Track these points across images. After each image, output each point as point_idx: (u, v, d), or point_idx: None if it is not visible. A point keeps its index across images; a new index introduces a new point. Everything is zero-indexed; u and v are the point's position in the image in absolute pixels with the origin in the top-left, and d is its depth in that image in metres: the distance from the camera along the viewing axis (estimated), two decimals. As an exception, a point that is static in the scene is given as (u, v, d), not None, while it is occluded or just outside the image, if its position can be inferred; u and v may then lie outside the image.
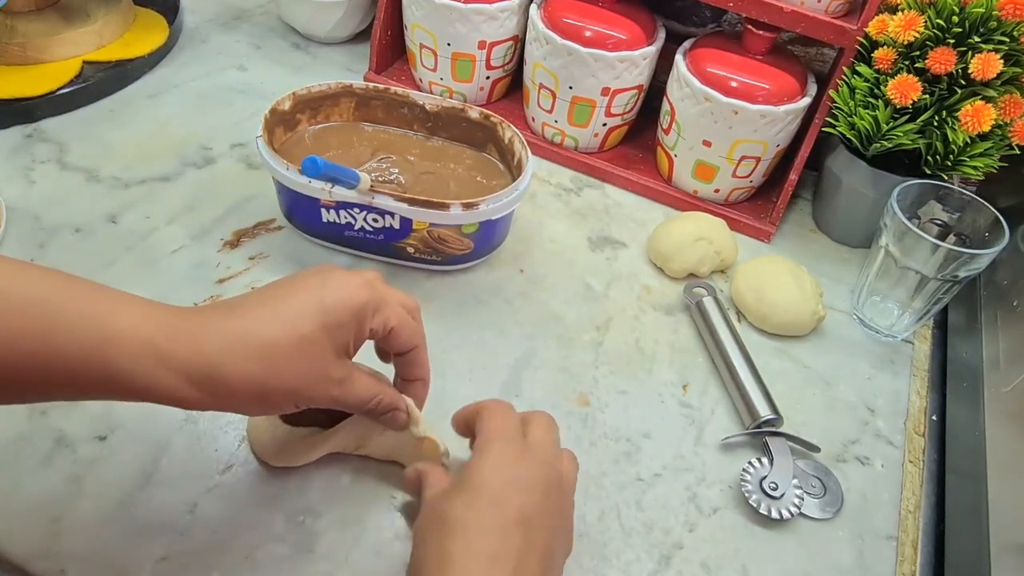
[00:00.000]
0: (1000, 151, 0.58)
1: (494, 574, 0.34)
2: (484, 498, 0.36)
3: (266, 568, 0.42)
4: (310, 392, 0.37)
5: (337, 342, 0.38)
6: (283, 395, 0.37)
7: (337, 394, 0.39)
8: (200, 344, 0.34)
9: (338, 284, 0.38)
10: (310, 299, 0.37)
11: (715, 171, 0.67)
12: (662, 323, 0.60)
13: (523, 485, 0.37)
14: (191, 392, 0.34)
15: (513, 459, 0.38)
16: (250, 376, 0.35)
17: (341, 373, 0.38)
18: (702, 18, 0.76)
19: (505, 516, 0.36)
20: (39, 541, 0.41)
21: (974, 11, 0.54)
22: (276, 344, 0.36)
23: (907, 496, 0.51)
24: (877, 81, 0.59)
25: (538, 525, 0.36)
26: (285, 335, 0.36)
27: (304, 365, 0.36)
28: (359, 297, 0.38)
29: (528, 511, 0.36)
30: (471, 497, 0.36)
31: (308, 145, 0.61)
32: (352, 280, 0.39)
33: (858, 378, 0.58)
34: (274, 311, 0.37)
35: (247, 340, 0.35)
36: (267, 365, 0.35)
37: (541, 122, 0.73)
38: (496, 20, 0.69)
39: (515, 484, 0.37)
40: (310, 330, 0.36)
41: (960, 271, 0.54)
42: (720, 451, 0.52)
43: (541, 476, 0.38)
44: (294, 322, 0.36)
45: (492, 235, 0.59)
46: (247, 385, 0.35)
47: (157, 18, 0.79)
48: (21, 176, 0.62)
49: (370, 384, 0.40)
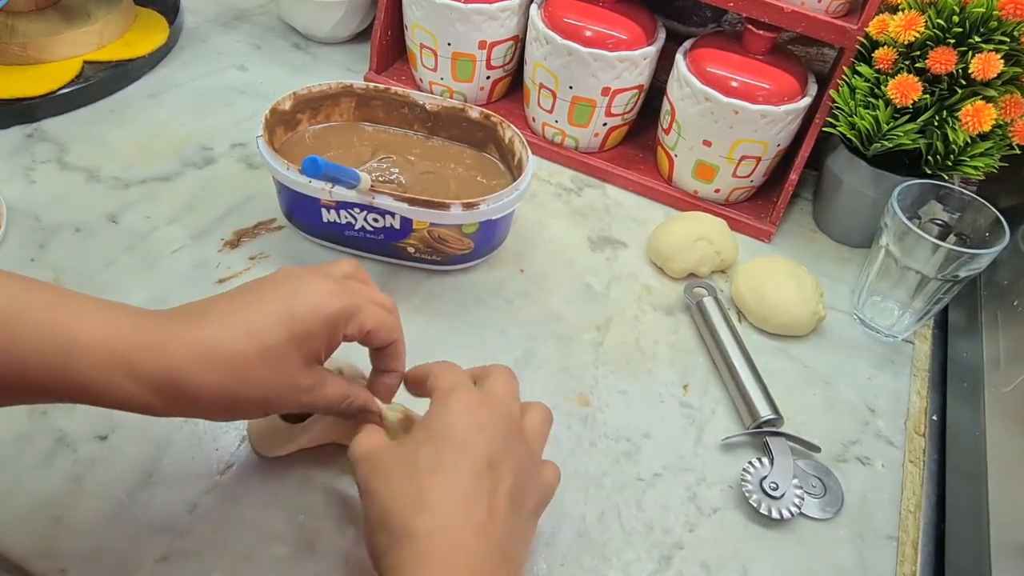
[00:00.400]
0: (1000, 151, 0.58)
1: (468, 514, 0.34)
2: (452, 443, 0.36)
3: (266, 568, 0.42)
4: (278, 400, 0.37)
5: (306, 351, 0.37)
6: (250, 404, 0.37)
7: (307, 400, 0.39)
8: (164, 354, 0.34)
9: (309, 293, 0.38)
10: (279, 309, 0.37)
11: (715, 171, 0.67)
12: (662, 323, 0.60)
13: (487, 432, 0.37)
14: (155, 401, 0.34)
15: (474, 407, 0.38)
16: (216, 387, 0.35)
17: (310, 381, 0.38)
18: (702, 18, 0.76)
19: (474, 460, 0.36)
20: (40, 540, 0.41)
21: (974, 11, 0.54)
22: (243, 355, 0.35)
23: (907, 496, 0.51)
24: (877, 81, 0.59)
25: (504, 470, 0.37)
26: (252, 346, 0.35)
27: (272, 375, 0.36)
28: (331, 306, 0.38)
29: (493, 456, 0.37)
30: (439, 443, 0.37)
31: (308, 145, 0.61)
32: (324, 287, 0.38)
33: (858, 378, 0.58)
34: (241, 321, 0.36)
35: (213, 351, 0.35)
36: (234, 376, 0.35)
37: (541, 122, 0.73)
38: (496, 20, 0.69)
39: (480, 430, 0.37)
40: (278, 341, 0.36)
41: (960, 271, 0.54)
42: (720, 451, 0.52)
43: (502, 424, 0.38)
44: (262, 333, 0.36)
45: (492, 235, 0.59)
46: (213, 396, 0.35)
47: (157, 18, 0.79)
48: (22, 176, 0.62)
49: (340, 387, 0.40)
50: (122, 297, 0.53)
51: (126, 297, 0.54)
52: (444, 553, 0.33)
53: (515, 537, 0.37)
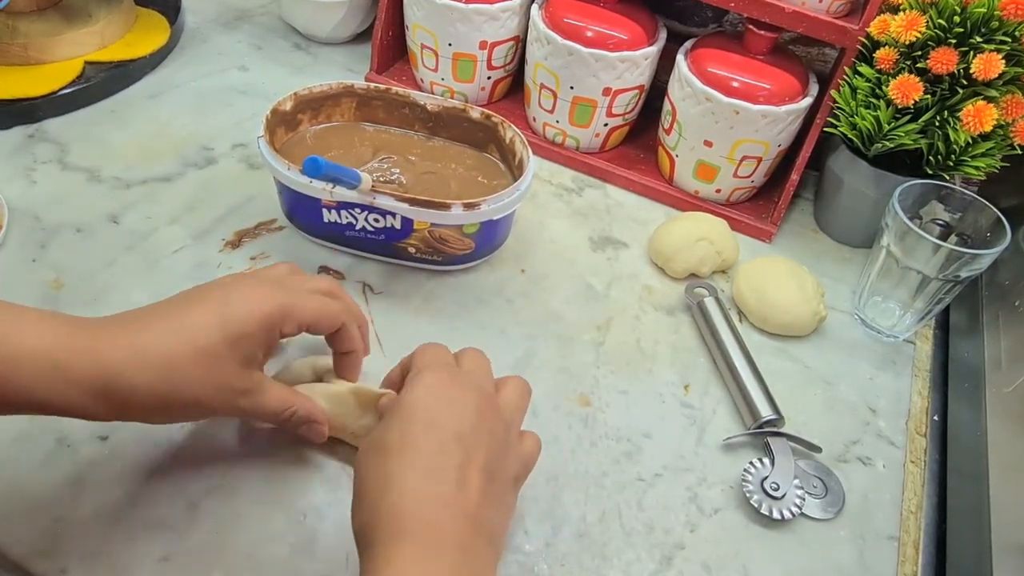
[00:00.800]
0: (1002, 151, 0.58)
1: (434, 487, 0.35)
2: (418, 420, 0.37)
3: (266, 568, 0.42)
4: (212, 403, 0.38)
5: (241, 354, 0.38)
6: (185, 406, 0.38)
7: (244, 405, 0.39)
8: (100, 357, 0.35)
9: (242, 296, 0.39)
10: (212, 312, 0.38)
11: (716, 171, 0.67)
12: (663, 323, 0.60)
13: (456, 406, 0.37)
14: (93, 405, 0.35)
15: (445, 383, 0.39)
16: (150, 388, 0.36)
17: (246, 384, 0.39)
18: (703, 18, 0.76)
19: (441, 435, 0.36)
20: (40, 540, 0.41)
21: (976, 11, 0.54)
22: (176, 357, 0.36)
23: (909, 496, 0.51)
24: (879, 81, 0.59)
25: (475, 443, 0.37)
26: (185, 348, 0.37)
27: (205, 377, 0.37)
28: (264, 308, 0.39)
29: (463, 429, 0.37)
30: (405, 420, 0.37)
31: (309, 145, 0.61)
32: (257, 291, 0.39)
33: (859, 378, 0.58)
34: (175, 323, 0.37)
35: (147, 352, 0.36)
36: (167, 377, 0.36)
37: (542, 122, 0.73)
38: (497, 20, 0.69)
39: (448, 405, 0.37)
40: (211, 343, 0.37)
41: (962, 271, 0.54)
42: (721, 451, 0.52)
43: (473, 397, 0.38)
44: (194, 335, 0.37)
45: (493, 235, 0.59)
46: (148, 397, 0.36)
47: (158, 18, 0.79)
48: (23, 176, 0.62)
49: (281, 396, 0.41)
50: (123, 297, 0.54)
51: (127, 297, 0.54)
52: (413, 527, 0.33)
53: (491, 508, 0.37)
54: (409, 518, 0.34)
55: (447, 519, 0.34)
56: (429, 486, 0.35)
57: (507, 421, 0.40)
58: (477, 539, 0.35)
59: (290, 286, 0.42)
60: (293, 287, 0.42)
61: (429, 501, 0.34)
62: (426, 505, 0.34)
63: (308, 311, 0.41)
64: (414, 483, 0.35)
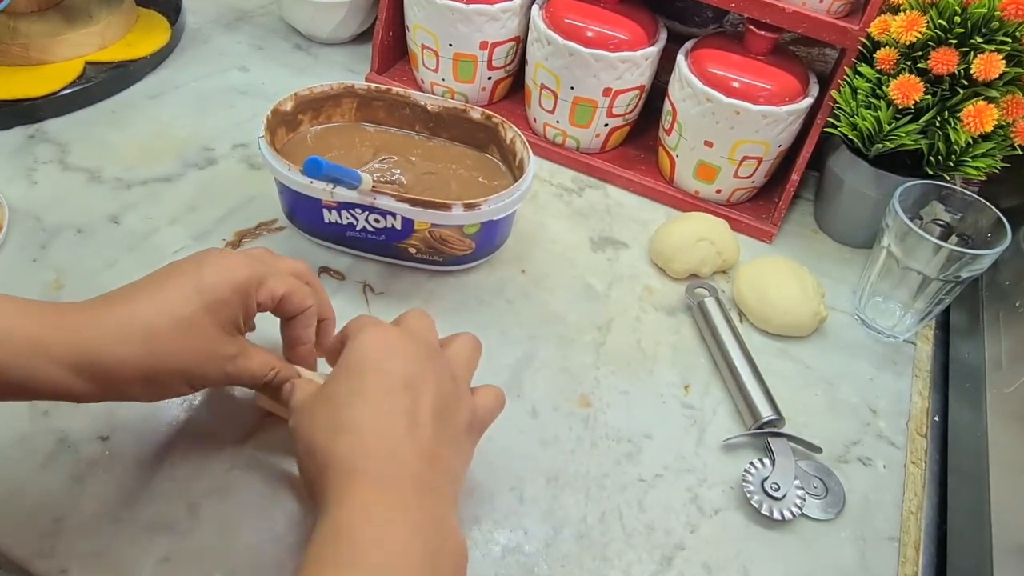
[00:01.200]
0: (1002, 151, 0.58)
1: (387, 428, 0.35)
2: (366, 370, 0.37)
3: (267, 568, 0.42)
4: (201, 370, 0.39)
5: (222, 319, 0.39)
6: (171, 376, 0.38)
7: (231, 370, 0.40)
8: (81, 333, 0.35)
9: (216, 263, 0.39)
10: (188, 281, 0.38)
11: (717, 171, 0.67)
12: (664, 324, 0.60)
13: (399, 353, 0.38)
14: (77, 382, 0.35)
15: (387, 335, 0.39)
16: (133, 360, 0.36)
17: (232, 350, 0.39)
18: (704, 18, 0.76)
19: (388, 381, 0.36)
20: (41, 541, 0.41)
21: (976, 11, 0.54)
22: (157, 327, 0.37)
23: (909, 497, 0.51)
24: (879, 81, 0.59)
25: (424, 388, 0.37)
26: (165, 318, 0.37)
27: (188, 346, 0.37)
28: (239, 273, 0.39)
29: (410, 374, 0.37)
30: (352, 372, 0.37)
31: (310, 146, 0.61)
32: (231, 258, 0.40)
33: (860, 379, 0.58)
34: (153, 296, 0.38)
35: (128, 325, 0.36)
36: (150, 348, 0.36)
37: (543, 123, 0.73)
38: (498, 21, 0.69)
39: (392, 353, 0.38)
40: (191, 311, 0.37)
41: (962, 272, 0.54)
42: (722, 452, 0.52)
43: (415, 347, 0.39)
44: (173, 304, 0.37)
45: (494, 235, 0.59)
46: (131, 370, 0.36)
47: (159, 19, 0.80)
48: (23, 177, 0.62)
49: (265, 358, 0.41)
50: (123, 298, 0.54)
51: (127, 298, 0.54)
52: (368, 465, 0.34)
53: (447, 447, 0.37)
54: (363, 457, 0.34)
55: (402, 455, 0.34)
56: (381, 427, 0.35)
57: (455, 373, 0.40)
58: (435, 475, 0.35)
59: (265, 258, 0.42)
60: (267, 260, 0.42)
61: (383, 439, 0.34)
62: (380, 443, 0.34)
63: (283, 282, 0.41)
64: (366, 425, 0.35)
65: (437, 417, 0.36)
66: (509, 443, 0.50)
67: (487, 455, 0.49)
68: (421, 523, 0.33)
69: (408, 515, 0.33)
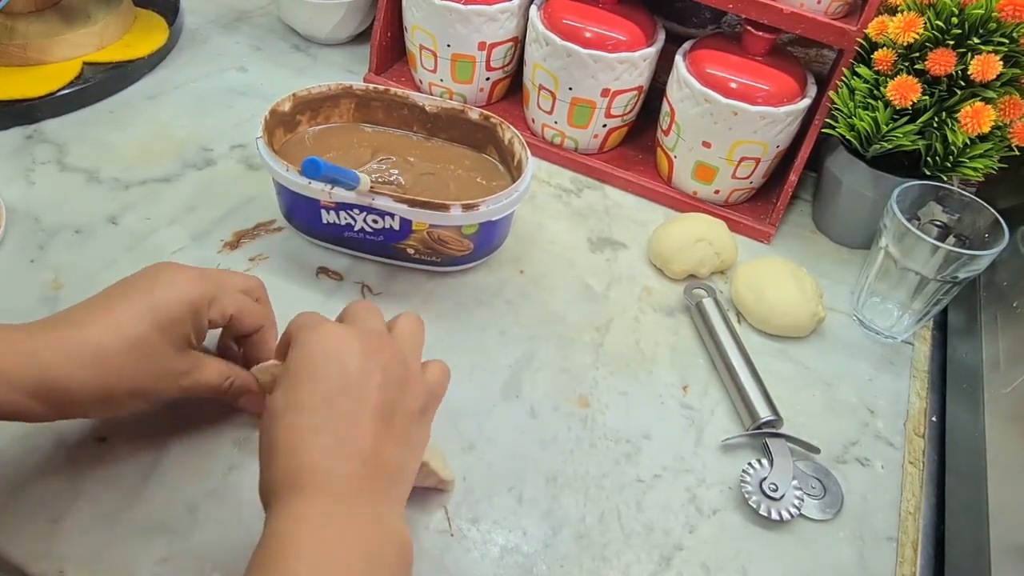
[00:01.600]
0: (1000, 152, 0.58)
1: (322, 440, 0.34)
2: (301, 379, 0.36)
3: (266, 569, 0.41)
4: (155, 387, 0.39)
5: (174, 337, 0.39)
6: (125, 395, 0.38)
7: (185, 384, 0.40)
8: (36, 358, 0.36)
9: (168, 282, 0.40)
10: (140, 301, 0.39)
11: (715, 172, 0.67)
12: (662, 324, 0.60)
13: (337, 355, 0.36)
14: (35, 405, 0.36)
15: (325, 336, 0.37)
16: (88, 384, 0.37)
17: (184, 365, 0.40)
18: (702, 19, 0.77)
19: (324, 388, 0.35)
20: (39, 542, 0.41)
21: (973, 12, 0.54)
22: (109, 350, 0.37)
23: (907, 497, 0.51)
24: (877, 82, 0.59)
25: (364, 386, 0.36)
26: (118, 340, 0.37)
27: (142, 366, 0.38)
28: (191, 292, 0.40)
29: (348, 376, 0.36)
30: (288, 382, 0.36)
31: (308, 146, 0.61)
32: (183, 275, 0.40)
33: (858, 379, 0.58)
34: (107, 317, 0.38)
35: (81, 349, 0.37)
36: (104, 371, 0.37)
37: (541, 123, 0.73)
38: (496, 21, 0.69)
39: (329, 356, 0.36)
40: (142, 332, 0.38)
41: (960, 272, 0.54)
42: (720, 452, 0.52)
43: (356, 342, 0.37)
44: (125, 326, 0.38)
45: (492, 236, 0.59)
46: (87, 392, 0.37)
47: (157, 19, 0.79)
48: (21, 177, 0.62)
49: (220, 368, 0.42)
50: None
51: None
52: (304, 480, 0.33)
53: (392, 447, 0.36)
54: (299, 472, 0.34)
55: (339, 466, 0.34)
56: (315, 439, 0.34)
57: (402, 355, 0.39)
58: (375, 481, 0.35)
59: (216, 277, 0.42)
60: (218, 278, 0.43)
61: (318, 454, 0.34)
62: (315, 458, 0.34)
63: (233, 301, 0.42)
64: (300, 440, 0.34)
65: (381, 416, 0.36)
66: (508, 443, 0.50)
67: (486, 455, 0.49)
68: (356, 527, 0.33)
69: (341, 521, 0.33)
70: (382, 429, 0.36)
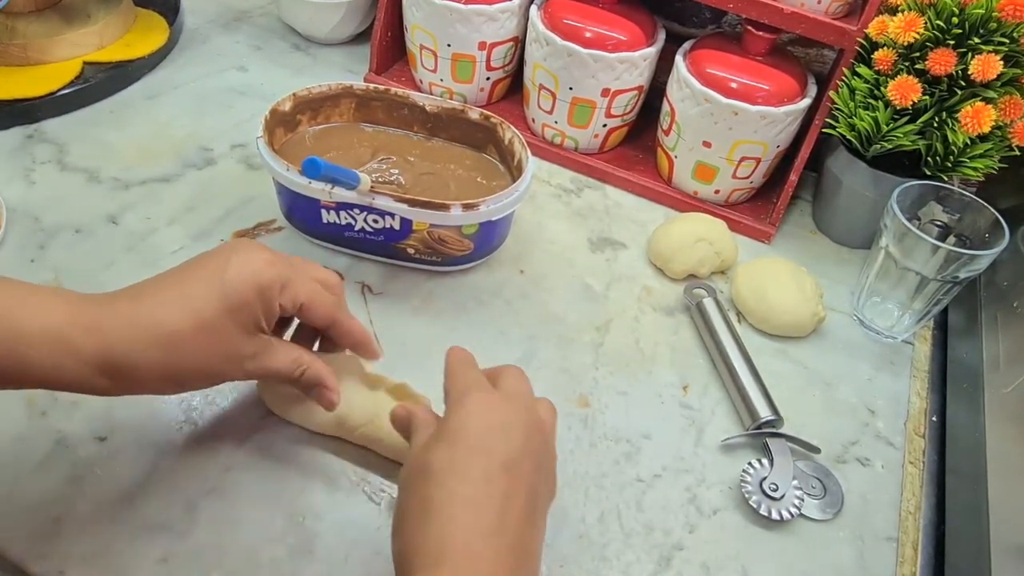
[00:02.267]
0: (1000, 152, 0.58)
1: (477, 519, 0.34)
2: (465, 445, 0.36)
3: (266, 568, 0.41)
4: (221, 369, 0.39)
5: (244, 321, 0.39)
6: (193, 376, 0.38)
7: (252, 367, 0.40)
8: (104, 334, 0.35)
9: (241, 263, 0.39)
10: (212, 281, 0.38)
11: (715, 172, 0.67)
12: (662, 324, 0.60)
13: (504, 430, 0.37)
14: (100, 380, 0.36)
15: (491, 406, 0.38)
16: (156, 363, 0.36)
17: (251, 349, 0.39)
18: (702, 19, 0.77)
19: (488, 462, 0.35)
20: (38, 541, 0.41)
21: (974, 12, 0.54)
22: (179, 331, 0.37)
23: (907, 497, 0.51)
24: (877, 82, 0.59)
25: (522, 469, 0.36)
26: (188, 321, 0.37)
27: (210, 347, 0.38)
28: (263, 276, 0.39)
29: (511, 455, 0.36)
30: (452, 445, 0.36)
31: (308, 146, 0.61)
32: (257, 257, 0.40)
33: (858, 379, 0.58)
34: (176, 295, 0.38)
35: (150, 328, 0.36)
36: (172, 352, 0.37)
37: (541, 123, 0.73)
38: (496, 21, 0.69)
39: (496, 430, 0.37)
40: (212, 314, 0.37)
41: (960, 272, 0.54)
42: (720, 452, 0.52)
43: (521, 420, 0.38)
44: (196, 306, 0.37)
45: (492, 236, 0.59)
46: (155, 372, 0.37)
47: (157, 19, 0.79)
48: (21, 177, 0.62)
49: (291, 353, 0.41)
50: (122, 298, 0.54)
51: (126, 298, 0.54)
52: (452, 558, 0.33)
53: (531, 536, 0.36)
54: (449, 549, 0.33)
55: (488, 551, 0.33)
56: (472, 516, 0.34)
57: (549, 444, 0.40)
58: (521, 568, 0.34)
59: (290, 262, 0.42)
60: (294, 264, 0.42)
61: (470, 532, 0.33)
62: (467, 536, 0.33)
63: (305, 289, 0.41)
64: (456, 513, 0.34)
65: (529, 502, 0.35)
66: (508, 443, 0.50)
67: (486, 455, 0.49)
68: None
69: None
70: (530, 515, 0.35)
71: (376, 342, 0.46)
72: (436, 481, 0.34)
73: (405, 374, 0.52)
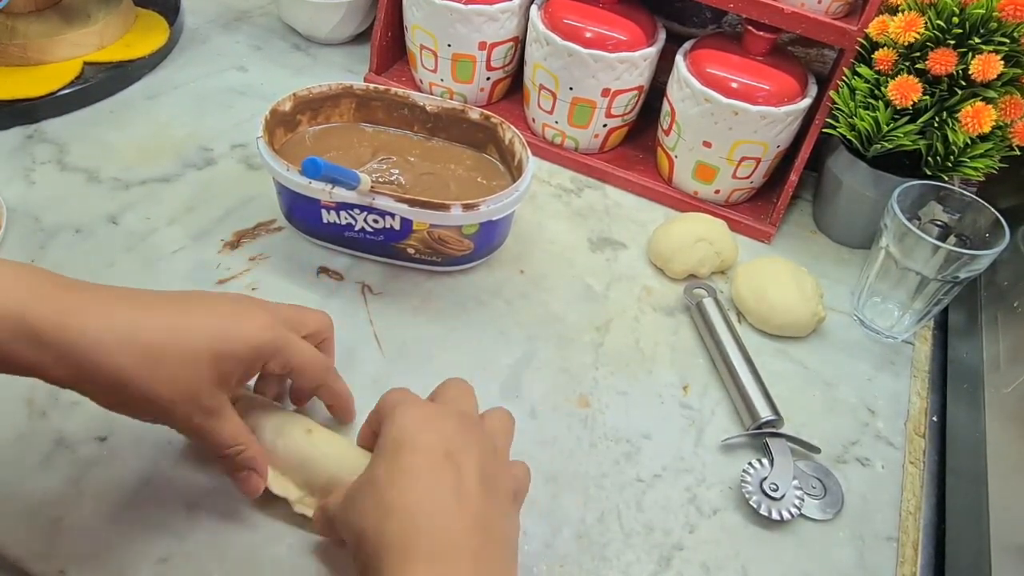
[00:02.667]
0: (1000, 152, 0.58)
1: (435, 503, 0.34)
2: (403, 448, 0.36)
3: (266, 569, 0.41)
4: (172, 409, 0.37)
5: (222, 371, 0.37)
6: (143, 401, 0.36)
7: (198, 423, 0.38)
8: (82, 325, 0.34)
9: (247, 316, 0.39)
10: (213, 320, 0.38)
11: (715, 172, 0.67)
12: (662, 324, 0.60)
13: (437, 429, 0.37)
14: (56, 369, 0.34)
15: (423, 412, 0.38)
16: (119, 371, 0.35)
17: (211, 403, 0.38)
18: (702, 19, 0.77)
19: (429, 456, 0.36)
20: (39, 542, 0.41)
21: (974, 12, 0.54)
22: (160, 349, 0.35)
23: (907, 497, 0.51)
24: (877, 82, 0.59)
25: (466, 457, 0.36)
26: (170, 342, 0.36)
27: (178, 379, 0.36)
28: (261, 336, 0.39)
29: (449, 446, 0.36)
30: (391, 452, 0.36)
31: (308, 146, 0.61)
32: (262, 318, 0.39)
33: (858, 379, 0.58)
34: (172, 317, 0.37)
35: (131, 336, 0.35)
36: (141, 365, 0.35)
37: (541, 123, 0.73)
38: (496, 21, 0.69)
39: (429, 426, 0.37)
40: (197, 347, 0.36)
41: (960, 272, 0.54)
42: (720, 452, 0.52)
43: (453, 420, 0.38)
44: (186, 333, 0.36)
45: (492, 236, 0.59)
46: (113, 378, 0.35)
47: (158, 19, 0.79)
48: (21, 177, 0.62)
49: (238, 430, 0.40)
50: (122, 298, 0.54)
51: (126, 298, 0.54)
52: (421, 543, 0.33)
53: (498, 516, 0.36)
54: (416, 536, 0.33)
55: (455, 528, 0.34)
56: (429, 503, 0.34)
57: (495, 444, 0.40)
58: (490, 544, 0.34)
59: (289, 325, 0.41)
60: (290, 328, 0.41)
61: (433, 515, 0.34)
62: (430, 519, 0.34)
63: (299, 355, 0.41)
64: (413, 503, 0.34)
65: (483, 485, 0.36)
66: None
67: (486, 455, 0.49)
68: None
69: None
70: (488, 498, 0.36)
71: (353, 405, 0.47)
72: (384, 487, 0.35)
73: (405, 374, 0.52)
